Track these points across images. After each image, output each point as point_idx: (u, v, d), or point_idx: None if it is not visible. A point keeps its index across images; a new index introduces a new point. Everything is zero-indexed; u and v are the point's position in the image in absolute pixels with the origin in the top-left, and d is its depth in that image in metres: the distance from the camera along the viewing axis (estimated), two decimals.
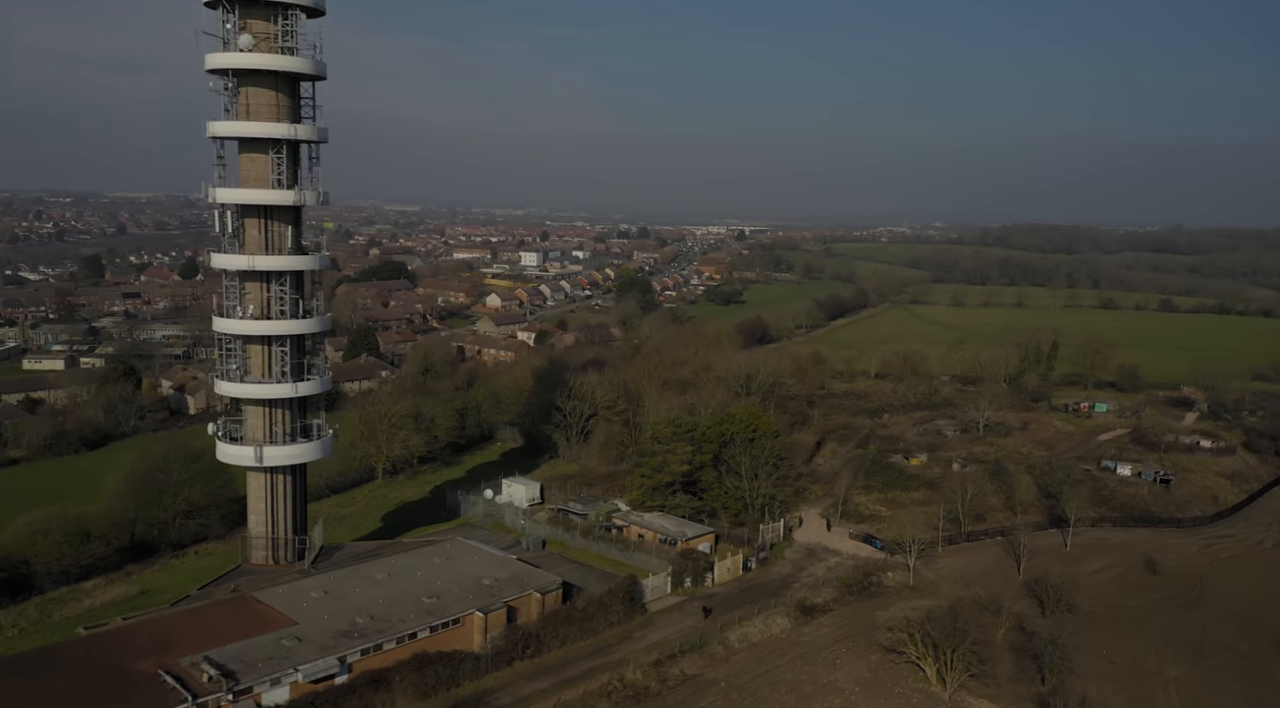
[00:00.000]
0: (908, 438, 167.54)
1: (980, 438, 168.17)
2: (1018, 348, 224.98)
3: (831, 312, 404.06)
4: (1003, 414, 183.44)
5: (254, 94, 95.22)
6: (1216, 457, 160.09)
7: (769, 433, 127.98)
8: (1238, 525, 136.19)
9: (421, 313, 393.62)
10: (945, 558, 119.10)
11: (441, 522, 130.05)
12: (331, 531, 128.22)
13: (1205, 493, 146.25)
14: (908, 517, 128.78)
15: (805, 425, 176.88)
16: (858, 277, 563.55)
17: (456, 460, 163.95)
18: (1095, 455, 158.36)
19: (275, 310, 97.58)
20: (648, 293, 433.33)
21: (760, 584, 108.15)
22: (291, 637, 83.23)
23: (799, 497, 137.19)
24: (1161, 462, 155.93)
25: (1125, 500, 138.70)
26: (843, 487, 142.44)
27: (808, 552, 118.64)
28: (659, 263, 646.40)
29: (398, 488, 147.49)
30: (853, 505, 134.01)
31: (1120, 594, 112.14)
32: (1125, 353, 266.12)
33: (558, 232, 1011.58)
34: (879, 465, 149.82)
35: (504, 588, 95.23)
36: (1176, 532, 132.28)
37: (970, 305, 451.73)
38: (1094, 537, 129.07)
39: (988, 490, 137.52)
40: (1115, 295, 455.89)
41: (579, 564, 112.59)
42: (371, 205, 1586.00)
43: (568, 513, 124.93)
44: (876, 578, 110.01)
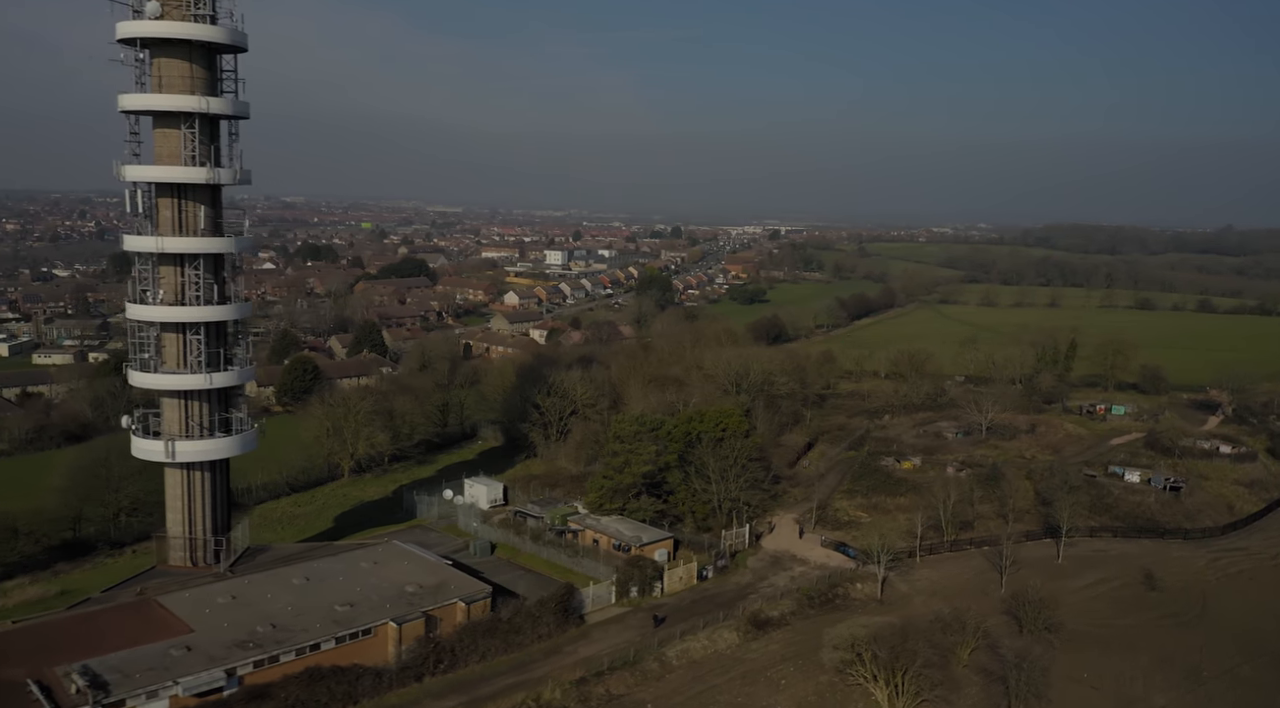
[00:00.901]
0: (904, 440, 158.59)
1: (983, 441, 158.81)
2: (1033, 347, 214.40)
3: (855, 311, 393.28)
4: (1010, 416, 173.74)
5: (166, 65, 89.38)
6: (1236, 463, 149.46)
7: (738, 432, 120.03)
8: (1252, 537, 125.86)
9: (437, 310, 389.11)
10: (923, 569, 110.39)
11: (396, 523, 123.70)
12: (278, 531, 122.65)
13: (1220, 502, 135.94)
14: (889, 524, 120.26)
15: (798, 426, 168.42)
16: (889, 276, 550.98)
17: (431, 459, 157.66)
18: (1104, 460, 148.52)
19: (190, 296, 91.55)
20: (667, 291, 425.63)
21: (714, 595, 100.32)
22: (182, 646, 77.08)
23: (776, 501, 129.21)
24: (1175, 468, 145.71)
25: (1129, 509, 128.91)
26: (825, 491, 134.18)
27: (773, 560, 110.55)
28: (686, 262, 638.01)
29: (361, 487, 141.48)
30: (832, 511, 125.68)
31: (1112, 612, 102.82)
32: (1154, 354, 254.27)
33: (592, 231, 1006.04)
34: (867, 469, 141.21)
35: (427, 596, 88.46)
36: (1183, 544, 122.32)
37: (1002, 305, 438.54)
38: (1091, 548, 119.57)
39: (980, 496, 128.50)
40: (1153, 296, 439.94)
41: (526, 571, 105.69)
42: (414, 206, 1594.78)
43: (525, 516, 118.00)
44: (843, 590, 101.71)
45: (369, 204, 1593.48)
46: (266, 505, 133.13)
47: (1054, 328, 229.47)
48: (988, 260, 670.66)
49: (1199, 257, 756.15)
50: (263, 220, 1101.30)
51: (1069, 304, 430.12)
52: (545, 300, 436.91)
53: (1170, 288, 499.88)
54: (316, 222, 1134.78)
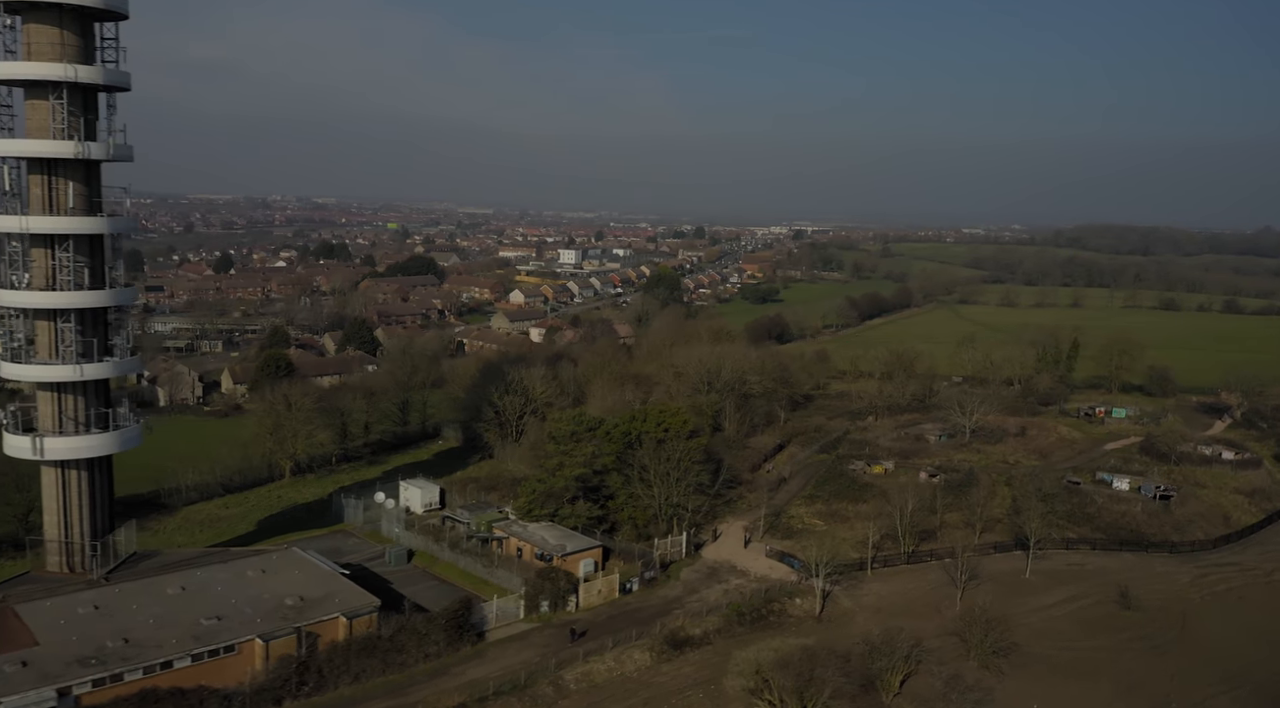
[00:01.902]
0: (881, 443, 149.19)
1: (966, 444, 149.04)
2: (1034, 347, 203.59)
3: (867, 311, 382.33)
4: (1000, 419, 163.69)
5: (36, 32, 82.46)
6: (1237, 470, 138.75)
7: (681, 433, 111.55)
8: (1246, 552, 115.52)
9: (440, 308, 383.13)
10: (874, 583, 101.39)
11: (321, 527, 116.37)
12: (196, 534, 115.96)
13: (1215, 512, 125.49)
14: (845, 533, 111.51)
15: (771, 427, 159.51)
16: (909, 276, 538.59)
17: (382, 460, 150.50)
18: (1093, 466, 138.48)
19: (61, 280, 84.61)
20: (675, 290, 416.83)
21: (636, 610, 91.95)
22: (18, 661, 70.01)
23: (729, 507, 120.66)
24: (1170, 475, 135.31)
25: (1112, 519, 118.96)
26: (785, 497, 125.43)
27: (710, 572, 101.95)
28: (703, 261, 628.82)
29: (299, 489, 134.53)
30: (785, 519, 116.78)
31: (1078, 633, 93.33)
32: (1169, 354, 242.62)
33: (615, 232, 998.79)
34: (833, 473, 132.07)
35: (307, 610, 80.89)
36: (1168, 558, 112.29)
37: (1023, 306, 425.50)
38: (1065, 561, 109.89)
39: (948, 504, 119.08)
40: (1178, 296, 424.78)
41: (440, 581, 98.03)
42: (444, 208, 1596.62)
43: (454, 521, 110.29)
44: (779, 605, 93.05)
45: (400, 205, 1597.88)
46: (195, 507, 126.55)
47: (1056, 327, 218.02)
48: (1014, 261, 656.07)
49: (1236, 258, 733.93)
50: (290, 220, 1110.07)
51: (1092, 304, 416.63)
52: (552, 299, 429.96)
53: (1201, 289, 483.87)
54: (344, 222, 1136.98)
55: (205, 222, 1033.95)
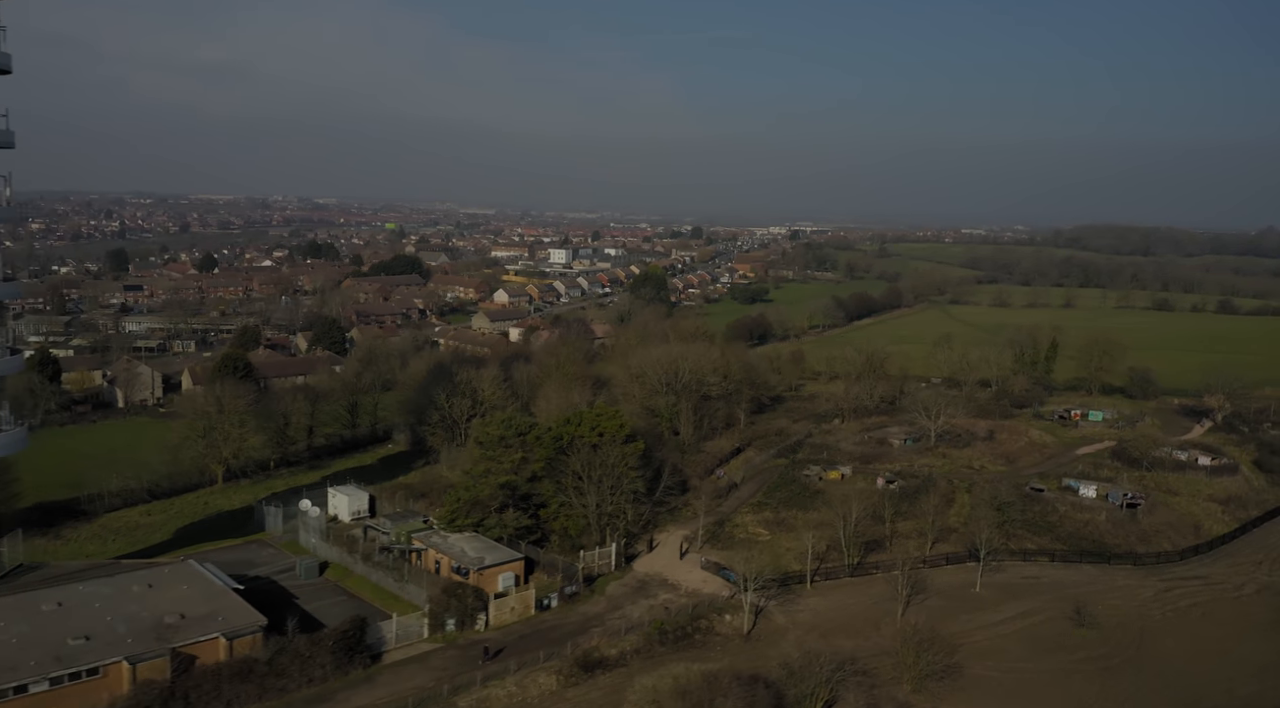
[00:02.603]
0: (842, 447, 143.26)
1: (931, 448, 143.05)
2: (1011, 347, 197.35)
3: (854, 311, 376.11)
4: (971, 422, 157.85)
5: None
6: (1212, 476, 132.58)
7: (617, 437, 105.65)
8: (1216, 564, 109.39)
9: (421, 308, 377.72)
10: (812, 598, 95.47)
11: (239, 536, 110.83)
12: (108, 543, 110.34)
13: (1185, 521, 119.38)
14: (789, 543, 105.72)
15: (731, 430, 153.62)
16: (903, 276, 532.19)
17: (324, 464, 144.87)
18: (1061, 472, 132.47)
19: None
20: (662, 290, 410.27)
21: (552, 628, 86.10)
22: None
23: (672, 515, 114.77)
24: (1141, 481, 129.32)
25: (1074, 529, 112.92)
26: (733, 504, 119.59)
27: (639, 586, 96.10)
28: (695, 261, 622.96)
29: (228, 495, 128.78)
30: (730, 527, 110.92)
31: (1026, 653, 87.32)
32: (1156, 355, 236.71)
33: (613, 232, 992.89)
34: (786, 480, 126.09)
35: (186, 629, 75.15)
36: (1132, 570, 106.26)
37: (1016, 306, 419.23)
38: (1021, 574, 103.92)
39: (902, 512, 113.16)
40: (1171, 296, 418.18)
41: (349, 596, 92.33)
42: (446, 208, 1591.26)
43: (376, 531, 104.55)
44: (706, 623, 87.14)
45: (401, 206, 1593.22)
46: (116, 514, 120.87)
47: (1034, 327, 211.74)
48: (1011, 261, 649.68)
49: (1236, 259, 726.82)
50: (288, 221, 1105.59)
51: (1085, 305, 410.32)
52: (538, 299, 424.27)
53: (1199, 289, 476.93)
54: (342, 222, 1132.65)
55: (202, 222, 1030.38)
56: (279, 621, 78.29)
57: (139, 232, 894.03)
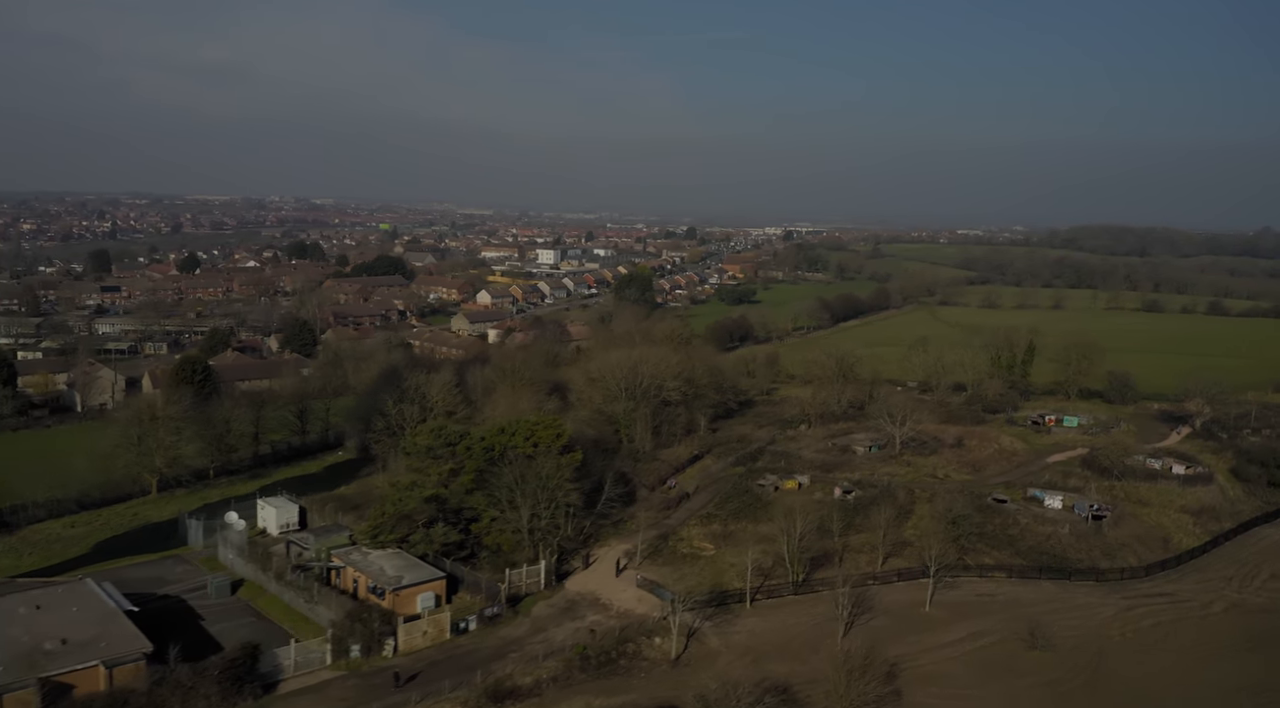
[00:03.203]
0: (803, 455, 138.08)
1: (896, 456, 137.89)
2: (986, 350, 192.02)
3: (840, 313, 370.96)
4: (941, 427, 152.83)
5: None
6: (1185, 486, 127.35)
7: (553, 447, 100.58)
8: (1184, 580, 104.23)
9: (401, 309, 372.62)
10: (751, 618, 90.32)
11: (162, 550, 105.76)
12: (21, 558, 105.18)
13: (1154, 534, 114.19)
14: (734, 558, 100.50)
15: (691, 437, 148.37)
16: (894, 277, 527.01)
17: (266, 473, 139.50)
18: (1028, 482, 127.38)
19: None
20: (647, 291, 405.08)
21: (467, 654, 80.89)
22: None
23: (616, 529, 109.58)
24: (1111, 491, 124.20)
25: (1036, 543, 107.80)
26: (682, 516, 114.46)
27: (568, 606, 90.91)
28: (685, 261, 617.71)
29: (160, 506, 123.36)
30: (674, 541, 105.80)
31: (973, 678, 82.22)
32: (1143, 358, 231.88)
33: (609, 233, 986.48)
34: (739, 490, 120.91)
35: (64, 656, 70.16)
36: (1094, 588, 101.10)
37: (1005, 307, 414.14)
38: (976, 592, 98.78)
39: (856, 525, 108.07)
40: (1162, 298, 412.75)
41: (259, 618, 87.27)
42: (444, 209, 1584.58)
43: (299, 547, 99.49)
44: (634, 647, 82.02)
45: (398, 206, 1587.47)
46: (39, 526, 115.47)
47: (1011, 329, 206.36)
48: (1005, 262, 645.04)
49: (1232, 259, 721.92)
50: (282, 221, 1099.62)
51: (1074, 306, 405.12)
52: (521, 300, 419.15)
53: (1192, 290, 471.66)
54: (337, 223, 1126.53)
55: (195, 222, 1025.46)
56: (181, 645, 73.32)
57: (130, 232, 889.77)
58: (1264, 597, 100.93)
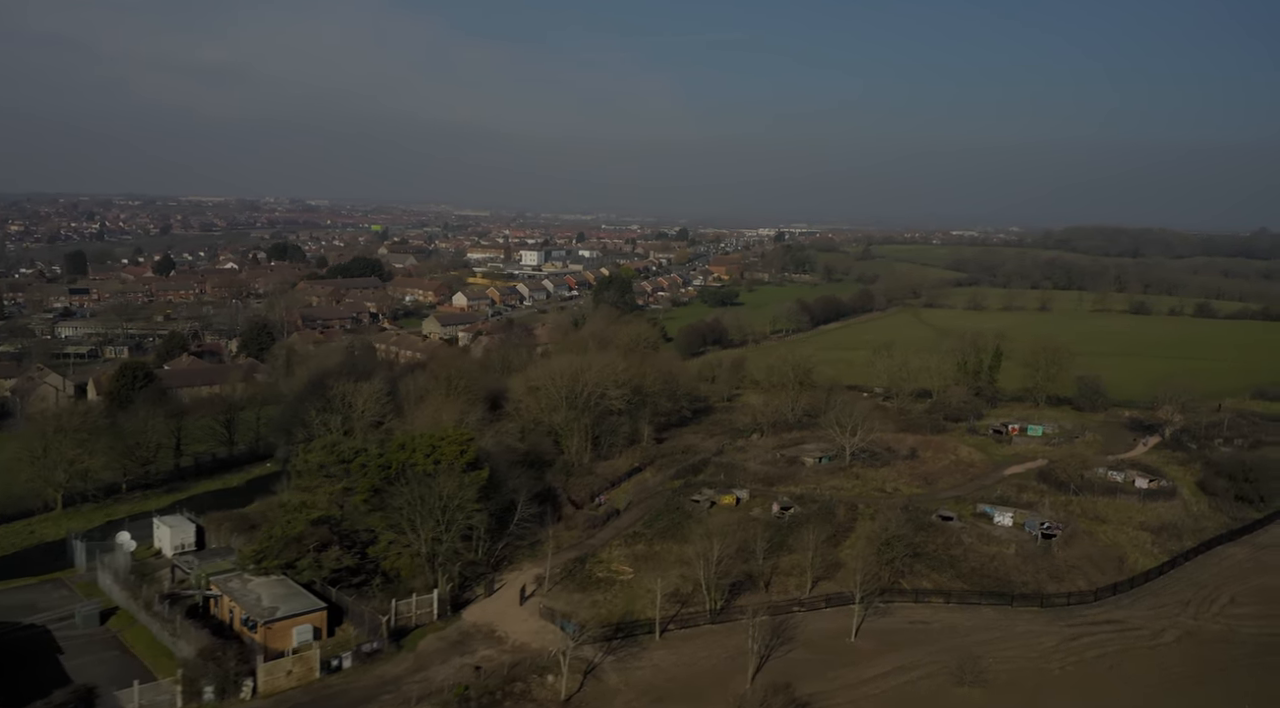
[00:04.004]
0: (749, 467, 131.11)
1: (846, 468, 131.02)
2: (953, 355, 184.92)
3: (821, 315, 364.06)
4: (899, 437, 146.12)
5: None
6: (1147, 501, 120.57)
7: (457, 464, 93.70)
8: (1136, 605, 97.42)
9: (373, 311, 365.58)
10: (660, 651, 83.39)
11: (48, 572, 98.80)
12: None
13: (1109, 553, 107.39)
14: (651, 583, 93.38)
15: (633, 447, 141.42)
16: (882, 279, 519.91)
17: (185, 486, 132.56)
18: (982, 496, 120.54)
19: None
20: (626, 293, 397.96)
21: (333, 696, 73.87)
22: None
23: (532, 550, 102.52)
24: (1067, 507, 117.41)
25: (979, 564, 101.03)
26: (608, 535, 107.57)
27: (460, 639, 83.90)
28: (672, 263, 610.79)
29: (61, 523, 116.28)
30: (591, 565, 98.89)
31: None
32: (1118, 363, 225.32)
33: (602, 234, 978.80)
34: (670, 507, 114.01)
35: None
36: (1038, 614, 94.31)
37: (991, 309, 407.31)
38: (909, 619, 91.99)
39: (790, 545, 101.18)
40: (1149, 299, 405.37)
41: (123, 652, 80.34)
42: (441, 210, 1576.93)
43: (183, 572, 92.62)
44: (523, 686, 75.10)
45: (393, 207, 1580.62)
46: None
47: (978, 333, 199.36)
48: (996, 263, 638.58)
49: (1227, 260, 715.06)
50: (273, 222, 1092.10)
51: (1060, 308, 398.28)
52: (499, 302, 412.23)
53: (1183, 291, 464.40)
54: (329, 224, 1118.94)
55: (185, 224, 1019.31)
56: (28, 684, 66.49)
57: (119, 234, 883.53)
58: (1221, 624, 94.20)
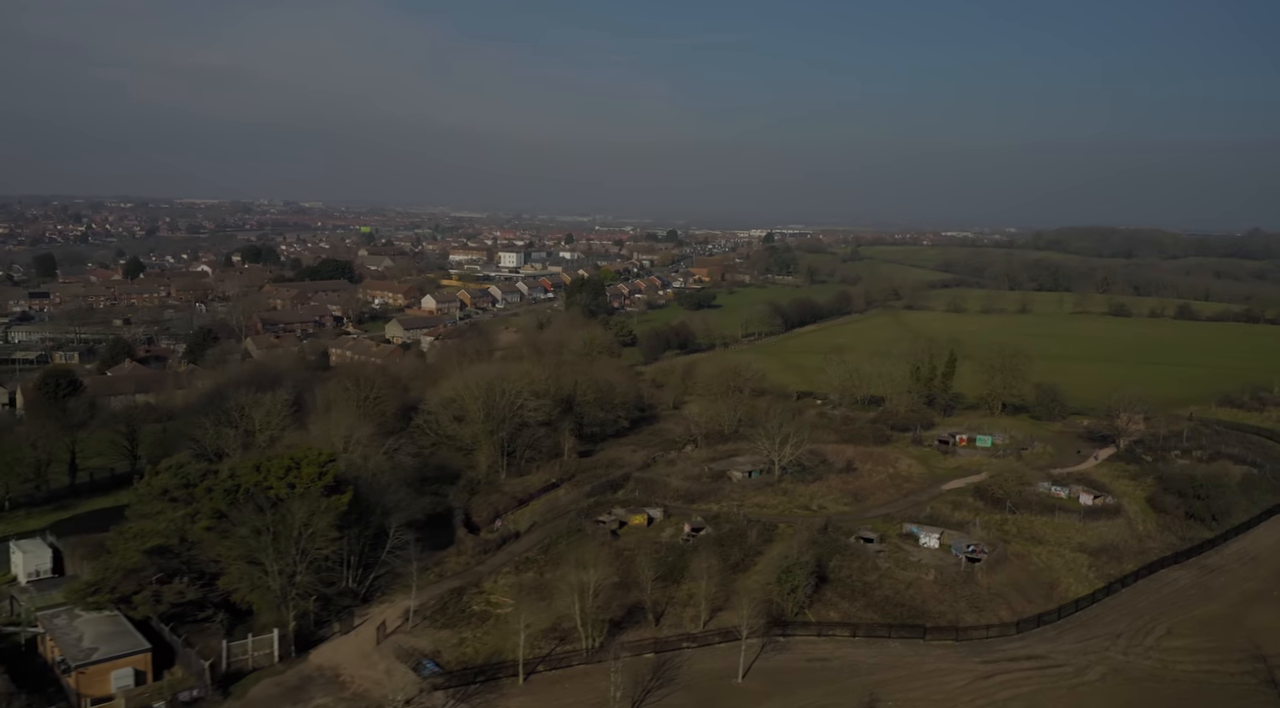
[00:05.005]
0: (671, 483, 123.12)
1: (774, 484, 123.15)
2: (906, 360, 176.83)
3: (796, 318, 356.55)
4: (839, 448, 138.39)
5: None
6: (1088, 520, 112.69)
7: (314, 487, 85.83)
8: (1061, 639, 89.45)
9: (337, 315, 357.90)
10: (521, 697, 75.36)
11: None
12: None
13: (1038, 579, 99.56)
14: (534, 616, 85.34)
15: (554, 461, 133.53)
16: (864, 281, 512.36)
17: (75, 505, 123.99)
18: (912, 514, 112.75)
19: None
20: (599, 296, 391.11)
21: None
22: None
23: (419, 578, 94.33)
24: (1002, 526, 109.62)
25: (894, 592, 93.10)
26: (500, 561, 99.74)
27: (298, 685, 75.76)
28: (656, 264, 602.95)
29: None
30: (470, 596, 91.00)
31: None
32: (1083, 368, 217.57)
33: (594, 236, 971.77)
34: (573, 528, 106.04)
35: None
36: (951, 648, 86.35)
37: (971, 311, 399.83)
38: (809, 655, 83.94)
39: (693, 571, 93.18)
40: (1129, 301, 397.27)
41: None
42: (439, 211, 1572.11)
43: (19, 605, 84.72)
44: None
45: (390, 209, 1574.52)
46: None
47: (931, 338, 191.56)
48: (984, 264, 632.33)
49: (1219, 261, 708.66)
50: (261, 225, 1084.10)
51: (1040, 310, 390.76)
52: (470, 305, 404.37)
53: (1175, 293, 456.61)
54: (319, 226, 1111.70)
55: (172, 226, 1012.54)
56: None
57: (103, 236, 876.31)
58: (1153, 659, 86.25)
